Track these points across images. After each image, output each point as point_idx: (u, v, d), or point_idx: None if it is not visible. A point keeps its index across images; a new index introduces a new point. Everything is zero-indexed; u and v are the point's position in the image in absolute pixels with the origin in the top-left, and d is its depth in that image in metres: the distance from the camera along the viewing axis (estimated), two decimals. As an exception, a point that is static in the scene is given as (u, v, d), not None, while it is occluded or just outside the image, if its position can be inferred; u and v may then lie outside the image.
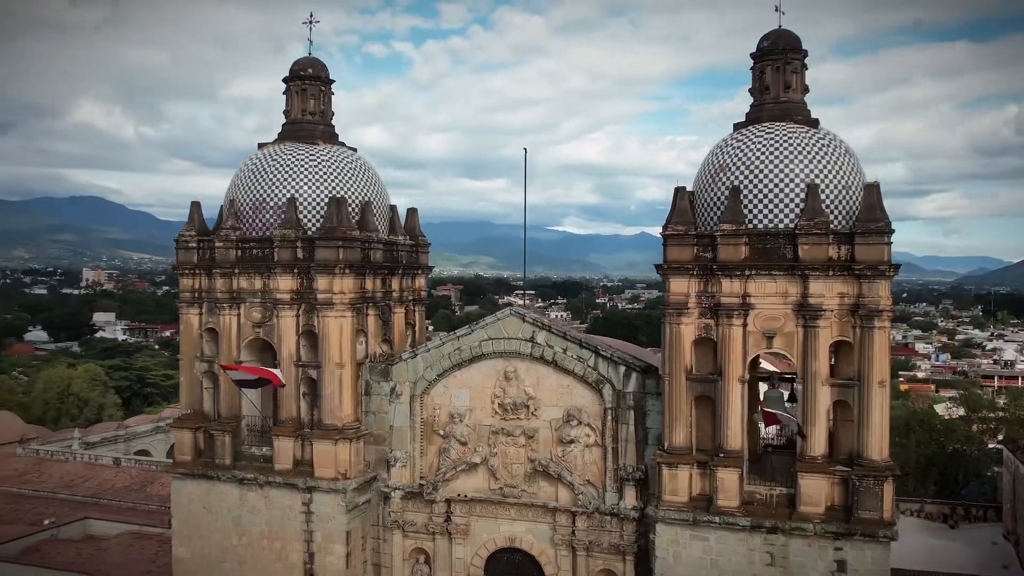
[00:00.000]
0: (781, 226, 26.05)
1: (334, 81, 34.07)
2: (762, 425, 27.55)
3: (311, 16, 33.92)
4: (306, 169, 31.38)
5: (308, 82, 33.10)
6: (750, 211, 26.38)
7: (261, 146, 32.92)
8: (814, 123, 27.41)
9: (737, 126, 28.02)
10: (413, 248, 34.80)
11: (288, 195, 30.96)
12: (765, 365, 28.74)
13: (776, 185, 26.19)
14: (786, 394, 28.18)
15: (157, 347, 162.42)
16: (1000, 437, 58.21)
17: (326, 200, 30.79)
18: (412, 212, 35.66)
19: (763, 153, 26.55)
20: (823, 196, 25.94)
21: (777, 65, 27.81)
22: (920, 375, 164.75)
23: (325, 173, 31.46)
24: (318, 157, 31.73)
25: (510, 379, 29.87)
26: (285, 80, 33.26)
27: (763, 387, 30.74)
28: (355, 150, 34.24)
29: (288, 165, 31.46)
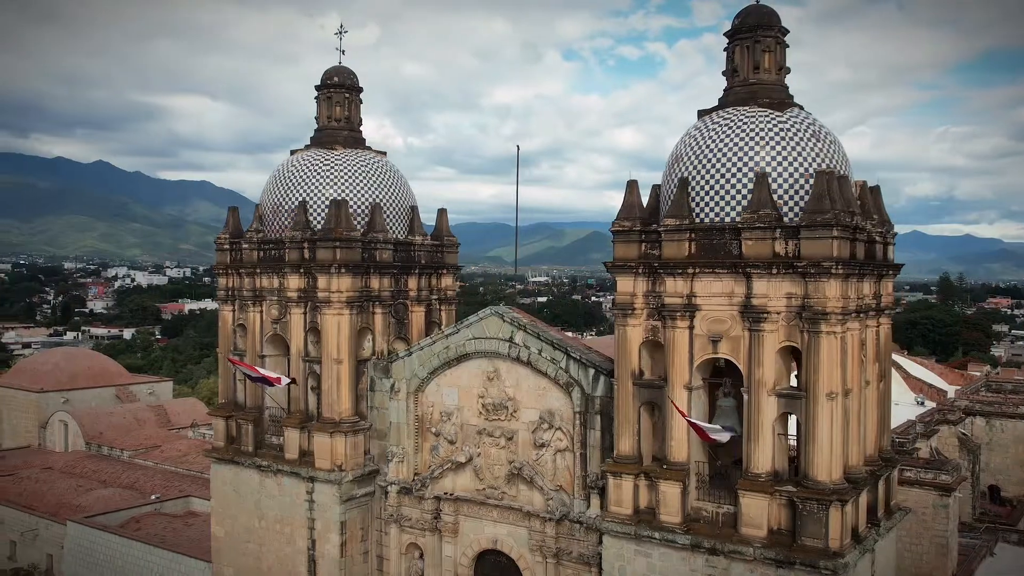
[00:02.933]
0: (728, 220, 23.86)
1: (362, 89, 35.37)
2: (722, 436, 25.01)
3: (340, 27, 35.50)
4: (317, 174, 32.87)
5: (334, 90, 34.64)
6: (698, 204, 24.38)
7: (293, 152, 34.86)
8: (782, 105, 24.75)
9: (701, 113, 25.94)
10: (437, 248, 35.27)
11: (300, 199, 32.60)
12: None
13: (723, 175, 24.01)
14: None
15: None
16: None
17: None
18: (441, 213, 36.18)
19: (713, 141, 24.43)
20: (776, 186, 23.46)
21: (747, 45, 25.44)
22: None
23: (334, 177, 32.78)
24: (330, 162, 33.12)
25: (492, 379, 29.57)
26: (316, 88, 34.99)
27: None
28: (384, 153, 35.38)
29: (302, 170, 33.14)
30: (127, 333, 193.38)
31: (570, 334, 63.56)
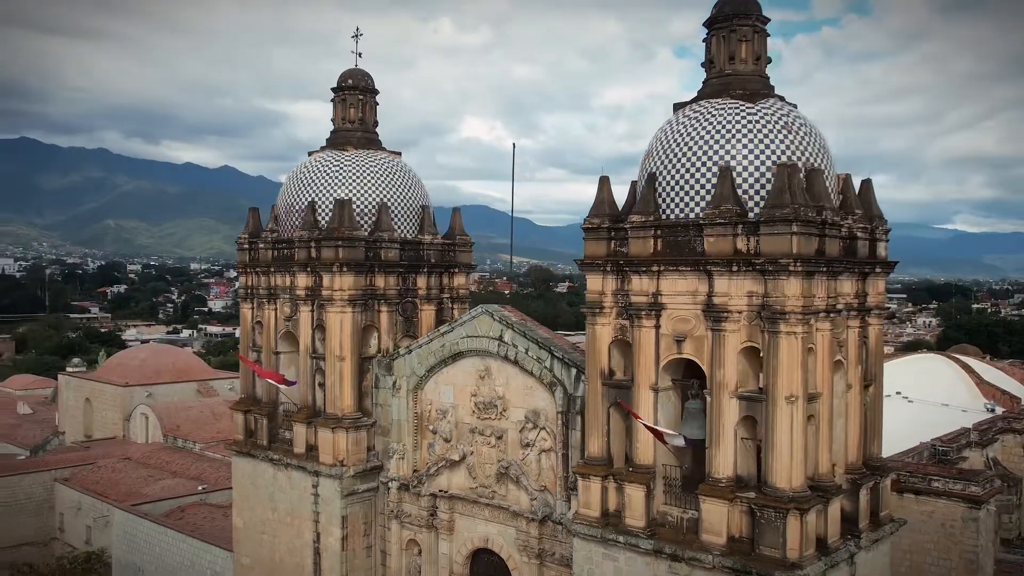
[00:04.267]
0: (692, 216, 23.12)
1: (377, 91, 35.93)
2: (677, 441, 24.01)
3: (357, 30, 36.11)
4: (326, 174, 33.56)
5: (348, 93, 35.29)
6: (665, 200, 23.71)
7: (310, 154, 35.66)
8: (755, 96, 23.73)
9: (676, 107, 25.17)
10: (450, 247, 35.42)
11: (310, 199, 33.34)
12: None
13: (688, 170, 23.27)
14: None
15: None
16: None
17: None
18: (455, 212, 36.37)
19: (680, 135, 23.70)
20: (741, 180, 22.57)
21: (722, 35, 24.56)
22: None
23: (342, 178, 33.38)
24: (340, 163, 33.76)
25: (484, 378, 29.56)
26: (332, 90, 35.72)
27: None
28: (399, 154, 35.84)
29: (313, 171, 33.91)
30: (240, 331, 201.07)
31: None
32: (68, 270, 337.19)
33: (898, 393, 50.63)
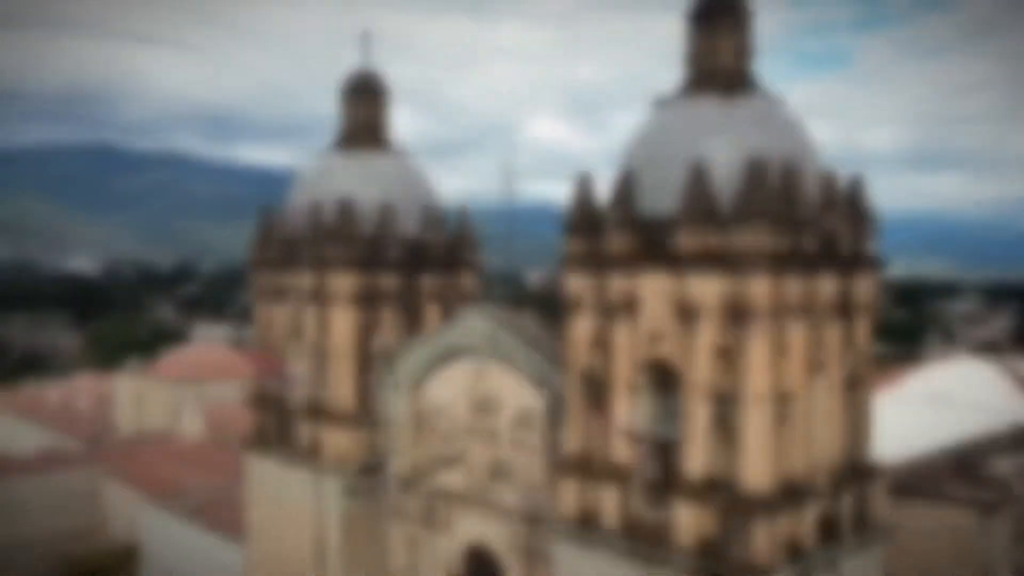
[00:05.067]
0: (667, 213, 22.87)
1: (387, 92, 36.35)
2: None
3: (365, 31, 36.56)
4: (331, 175, 34.14)
5: (356, 94, 35.75)
6: (642, 198, 23.51)
7: (319, 155, 36.25)
8: (734, 91, 23.36)
9: (658, 103, 24.91)
10: (455, 247, 35.61)
11: (316, 199, 33.90)
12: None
13: (663, 167, 23.04)
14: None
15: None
16: None
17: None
18: (462, 212, 36.56)
19: (657, 132, 23.57)
20: (718, 177, 22.24)
21: (704, 29, 24.24)
22: None
23: (346, 178, 33.86)
24: (345, 163, 34.28)
25: (478, 377, 29.69)
26: (342, 91, 36.24)
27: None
28: (405, 153, 36.18)
29: (319, 172, 34.54)
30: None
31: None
32: (142, 270, 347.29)
33: (934, 397, 49.34)
